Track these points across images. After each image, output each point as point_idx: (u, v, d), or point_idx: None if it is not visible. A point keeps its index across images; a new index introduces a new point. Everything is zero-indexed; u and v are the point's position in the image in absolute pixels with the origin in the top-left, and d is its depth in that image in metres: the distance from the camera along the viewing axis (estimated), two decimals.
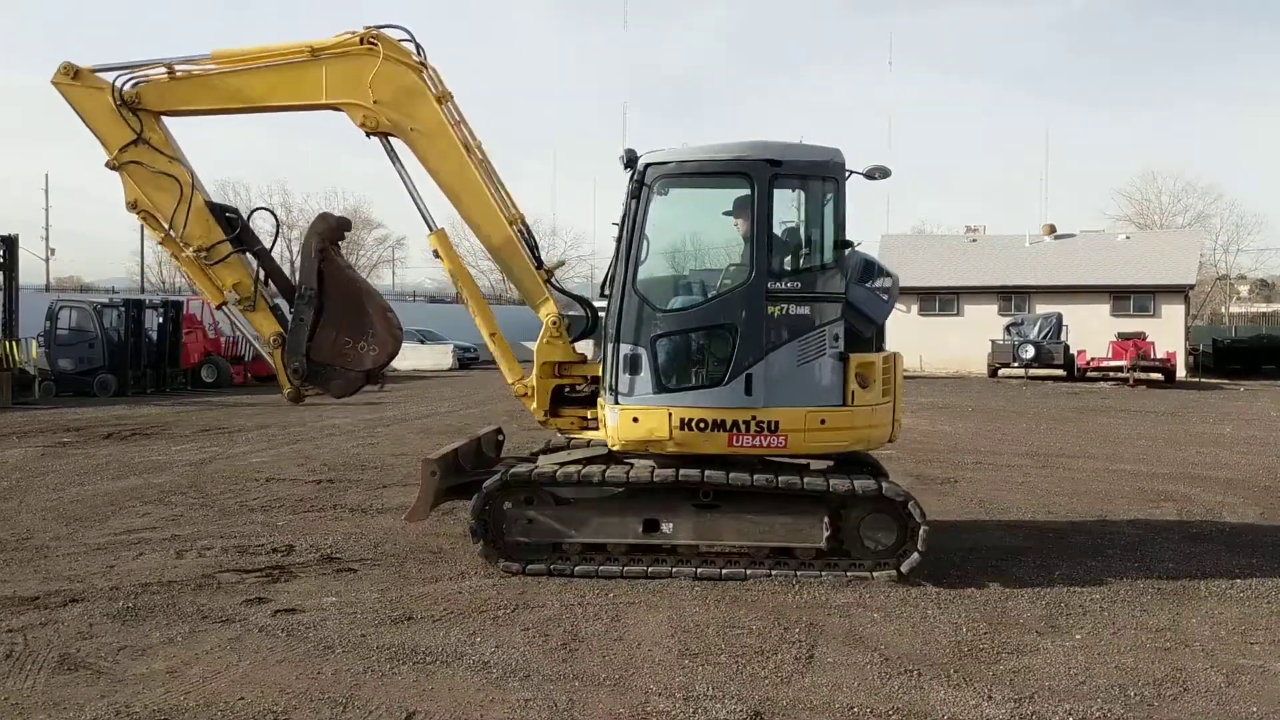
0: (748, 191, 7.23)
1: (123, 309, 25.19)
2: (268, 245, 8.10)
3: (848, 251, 7.38)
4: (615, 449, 7.40)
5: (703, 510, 7.25)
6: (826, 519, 7.18)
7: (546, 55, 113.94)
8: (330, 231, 7.83)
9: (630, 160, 7.38)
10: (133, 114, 7.68)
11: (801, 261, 7.42)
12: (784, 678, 5.29)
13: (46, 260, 54.72)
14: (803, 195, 7.40)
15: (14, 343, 21.01)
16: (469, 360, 38.09)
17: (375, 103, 7.64)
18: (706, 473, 7.12)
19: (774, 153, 7.20)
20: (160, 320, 25.92)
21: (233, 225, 7.86)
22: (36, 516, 9.24)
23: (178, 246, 7.81)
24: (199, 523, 8.99)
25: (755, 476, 7.10)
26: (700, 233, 8.03)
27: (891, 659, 5.57)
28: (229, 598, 6.60)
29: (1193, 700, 5.08)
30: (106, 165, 7.75)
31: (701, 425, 7.12)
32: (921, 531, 7.08)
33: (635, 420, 7.17)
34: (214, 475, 11.67)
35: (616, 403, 7.24)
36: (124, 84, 7.68)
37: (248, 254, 7.95)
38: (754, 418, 7.11)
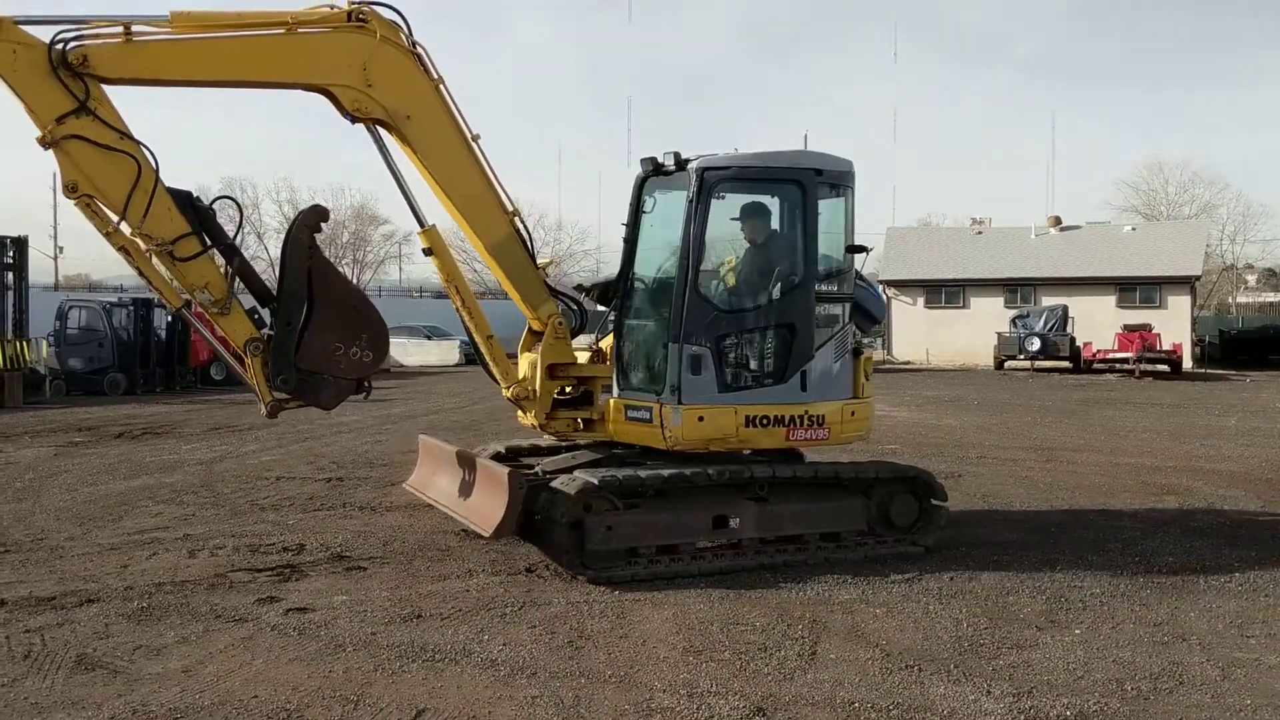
0: (760, 197, 7.79)
1: (131, 308, 25.28)
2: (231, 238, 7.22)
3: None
4: (674, 449, 7.38)
5: (760, 503, 7.48)
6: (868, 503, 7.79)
7: (549, 47, 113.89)
8: (318, 224, 7.24)
9: (679, 163, 7.53)
10: (74, 78, 6.47)
11: (832, 264, 7.88)
12: (787, 674, 5.38)
13: (55, 258, 54.90)
14: (840, 202, 7.88)
15: (25, 343, 21.13)
16: (474, 356, 38.14)
17: (369, 86, 7.09)
18: (760, 468, 7.49)
19: (816, 162, 7.71)
20: (169, 318, 26.03)
21: (201, 216, 6.95)
22: (51, 517, 9.35)
23: (128, 240, 6.70)
24: (211, 522, 9.10)
25: (797, 469, 7.69)
26: (737, 236, 8.11)
27: (893, 654, 5.66)
28: (241, 597, 6.71)
29: (1188, 694, 5.17)
30: (39, 141, 6.51)
31: (764, 421, 7.50)
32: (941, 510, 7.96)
33: (701, 419, 7.33)
34: (224, 474, 11.79)
35: (680, 403, 7.30)
36: (67, 43, 6.46)
37: (214, 250, 7.04)
38: (807, 412, 7.60)
